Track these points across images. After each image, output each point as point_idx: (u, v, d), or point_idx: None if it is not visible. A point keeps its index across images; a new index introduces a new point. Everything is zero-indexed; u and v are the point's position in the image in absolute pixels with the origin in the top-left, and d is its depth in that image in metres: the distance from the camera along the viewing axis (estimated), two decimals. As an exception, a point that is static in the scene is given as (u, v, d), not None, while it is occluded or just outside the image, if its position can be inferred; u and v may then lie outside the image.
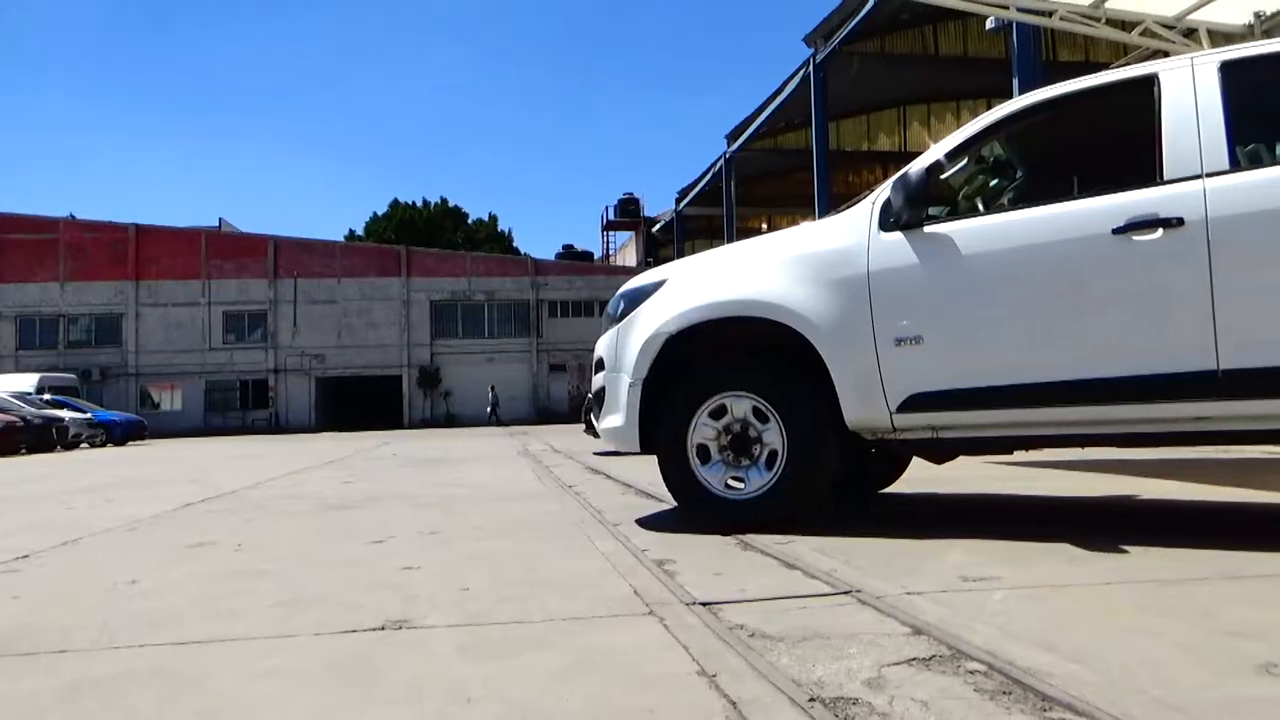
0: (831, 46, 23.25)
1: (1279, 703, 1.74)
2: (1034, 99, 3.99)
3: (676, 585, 2.97)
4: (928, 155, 3.97)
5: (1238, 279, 3.32)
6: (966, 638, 2.24)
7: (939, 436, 3.85)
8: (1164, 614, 2.45)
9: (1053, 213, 3.69)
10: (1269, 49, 3.79)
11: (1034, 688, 1.87)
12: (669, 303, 4.25)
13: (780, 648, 2.22)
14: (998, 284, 3.70)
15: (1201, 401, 3.39)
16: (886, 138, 32.66)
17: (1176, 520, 4.37)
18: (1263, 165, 3.71)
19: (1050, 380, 3.57)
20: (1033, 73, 13.20)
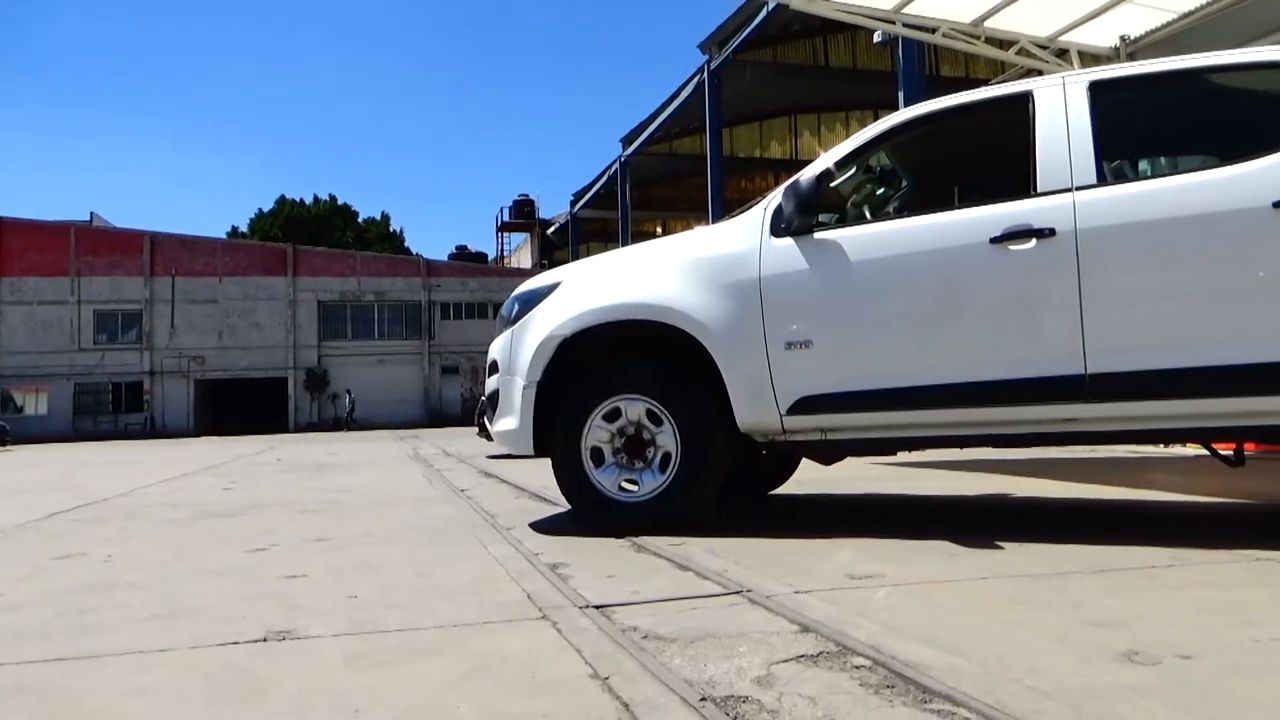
0: (726, 54, 23.61)
1: (1139, 689, 1.84)
2: (918, 112, 4.13)
3: (570, 589, 2.96)
4: (818, 163, 4.06)
5: (1103, 287, 3.51)
6: (852, 634, 2.29)
7: (828, 438, 3.94)
8: (1036, 606, 2.56)
9: (935, 222, 3.83)
10: (1133, 71, 4.02)
11: (915, 680, 1.93)
12: (564, 305, 4.24)
13: (673, 649, 2.24)
14: (883, 290, 3.81)
15: (1071, 404, 3.57)
16: (778, 145, 33.34)
17: (1048, 517, 4.58)
18: (1127, 180, 3.93)
19: (932, 383, 3.70)
20: (917, 86, 13.68)
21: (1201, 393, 3.41)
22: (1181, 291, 3.47)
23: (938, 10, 8.80)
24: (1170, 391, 3.44)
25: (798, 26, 24.61)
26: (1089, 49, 9.19)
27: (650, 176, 34.52)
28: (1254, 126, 3.83)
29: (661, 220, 38.05)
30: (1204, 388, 3.40)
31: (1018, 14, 8.73)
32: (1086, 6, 8.53)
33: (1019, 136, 3.81)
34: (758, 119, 32.24)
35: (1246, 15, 7.92)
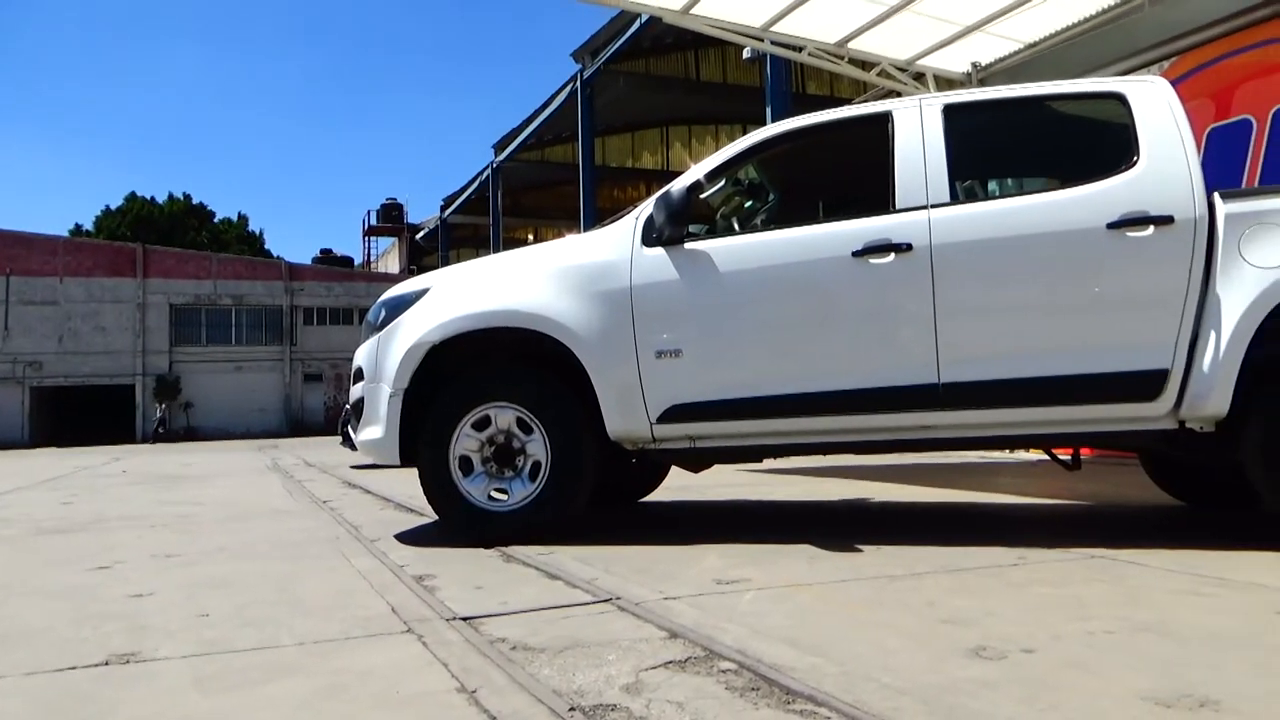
0: (599, 64, 23.72)
1: (987, 683, 1.94)
2: (785, 127, 4.25)
3: (436, 601, 2.90)
4: (689, 175, 4.12)
5: (955, 300, 3.69)
6: (719, 638, 2.33)
7: (696, 446, 4.00)
8: (893, 607, 2.66)
9: (800, 235, 3.95)
10: (983, 96, 4.25)
11: (779, 682, 1.98)
12: (433, 311, 4.16)
13: (542, 659, 2.22)
14: (750, 300, 3.90)
15: (926, 412, 3.74)
16: (650, 156, 33.70)
17: (904, 520, 4.78)
18: (977, 199, 4.15)
19: (797, 392, 3.81)
20: (784, 102, 14.08)
21: (1043, 401, 3.63)
22: (1025, 306, 3.68)
23: (804, 30, 9.09)
24: (1015, 400, 3.65)
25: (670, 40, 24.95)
26: (944, 73, 9.66)
27: (522, 183, 34.31)
28: (1091, 151, 4.10)
29: (533, 227, 37.86)
30: (1045, 397, 3.62)
31: (879, 37, 9.10)
32: (941, 34, 8.96)
33: (879, 154, 3.97)
34: (630, 129, 32.50)
35: (1086, 47, 8.48)
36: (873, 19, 8.68)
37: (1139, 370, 3.53)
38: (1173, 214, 3.53)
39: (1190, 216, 3.52)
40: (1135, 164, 3.67)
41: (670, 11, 8.86)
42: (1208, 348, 3.46)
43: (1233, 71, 7.48)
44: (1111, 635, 2.29)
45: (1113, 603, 2.64)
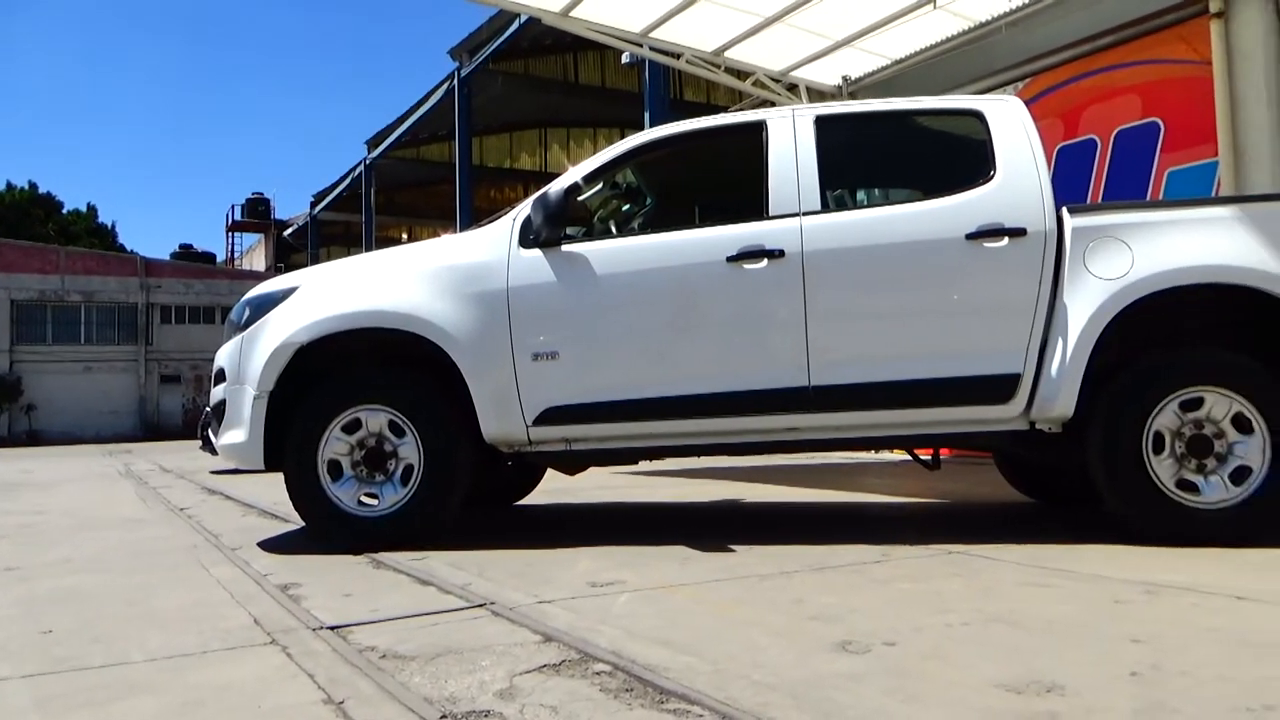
0: (476, 63, 23.44)
1: (852, 676, 2.00)
2: (663, 133, 4.30)
3: (302, 610, 2.81)
4: (566, 177, 4.12)
5: (825, 306, 3.80)
6: (594, 641, 2.33)
7: (572, 449, 3.99)
8: (763, 605, 2.72)
9: (676, 239, 3.99)
10: (852, 109, 4.40)
11: (653, 683, 1.99)
12: (301, 311, 4.02)
13: (413, 667, 2.17)
14: (627, 304, 3.92)
15: (796, 414, 3.84)
16: (528, 157, 33.51)
17: (775, 520, 4.89)
18: (846, 208, 4.29)
19: (672, 395, 3.85)
20: (662, 108, 14.21)
21: (906, 404, 3.78)
22: (890, 312, 3.82)
23: (682, 37, 9.20)
24: (880, 402, 3.78)
25: (549, 41, 24.87)
26: (816, 85, 9.95)
27: (397, 181, 33.56)
28: (952, 165, 4.29)
29: (408, 226, 37.08)
30: (908, 399, 3.77)
31: (754, 48, 9.30)
32: (814, 47, 9.23)
33: (754, 162, 4.06)
34: (508, 129, 32.24)
35: (949, 65, 8.88)
36: (748, 29, 8.87)
37: (993, 374, 3.71)
38: (1025, 226, 3.73)
39: (1041, 229, 3.73)
40: (992, 178, 3.86)
41: (550, 13, 8.84)
42: (1056, 354, 3.67)
43: (1080, 94, 7.96)
44: (968, 627, 2.40)
45: (969, 596, 2.77)
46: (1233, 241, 3.63)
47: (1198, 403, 3.57)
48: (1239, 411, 3.53)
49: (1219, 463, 3.55)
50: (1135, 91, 7.57)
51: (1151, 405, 3.58)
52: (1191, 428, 3.58)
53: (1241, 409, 3.53)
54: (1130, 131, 7.58)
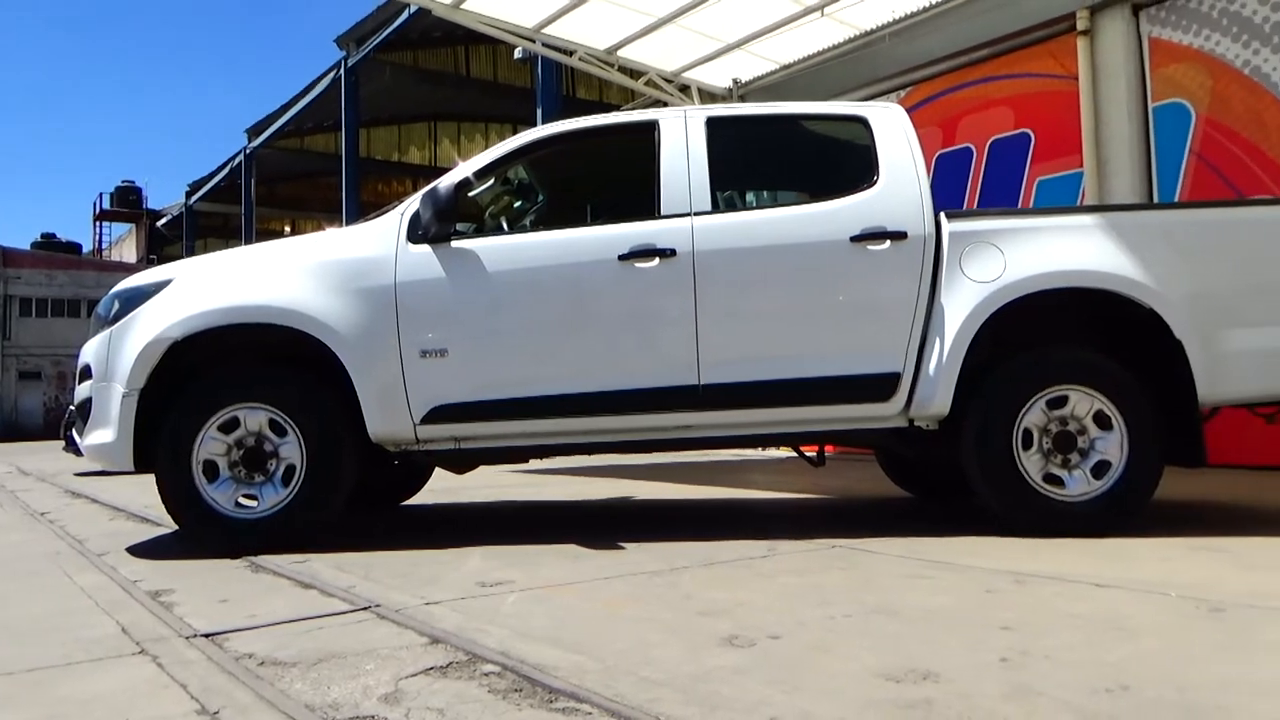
0: (364, 52, 22.88)
1: (738, 669, 2.03)
2: (556, 129, 4.28)
3: (174, 617, 2.69)
4: (457, 172, 4.06)
5: (715, 305, 3.85)
6: (482, 642, 2.31)
7: (461, 447, 3.94)
8: (652, 601, 2.74)
9: (568, 237, 3.99)
10: (743, 111, 4.46)
11: (542, 682, 1.98)
12: (175, 305, 3.85)
13: (293, 673, 2.11)
14: (517, 301, 3.89)
15: (686, 412, 3.88)
16: (418, 150, 32.90)
17: (665, 517, 4.93)
18: (736, 209, 4.36)
19: (564, 393, 3.84)
20: (554, 104, 14.16)
21: (792, 402, 3.86)
22: (778, 311, 3.90)
23: (575, 34, 9.19)
24: (768, 400, 3.86)
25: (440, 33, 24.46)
26: (707, 87, 10.07)
27: (279, 172, 32.46)
28: (837, 168, 4.41)
29: (291, 219, 35.91)
30: (794, 397, 3.85)
31: (647, 48, 9.36)
32: (705, 49, 9.35)
33: (646, 161, 4.08)
34: (397, 122, 31.57)
35: (835, 72, 9.13)
36: (641, 29, 8.92)
37: (875, 374, 3.83)
38: (906, 230, 3.86)
39: (921, 233, 3.87)
40: (875, 183, 3.99)
41: (441, 4, 8.71)
42: (933, 354, 3.81)
43: (958, 104, 8.30)
44: (849, 618, 2.47)
45: (850, 588, 2.85)
46: (1095, 248, 3.84)
47: (1063, 400, 3.76)
48: (1100, 409, 3.74)
49: (1082, 458, 3.75)
50: (1008, 103, 7.93)
51: (1021, 403, 3.75)
52: (1057, 424, 3.77)
53: (1102, 407, 3.73)
54: (1003, 141, 7.94)
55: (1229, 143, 6.57)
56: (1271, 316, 3.81)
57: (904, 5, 8.39)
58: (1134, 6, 7.07)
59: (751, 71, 9.89)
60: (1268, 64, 6.37)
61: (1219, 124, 6.63)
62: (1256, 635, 2.23)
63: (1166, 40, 6.94)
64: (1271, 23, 6.34)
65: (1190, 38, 6.79)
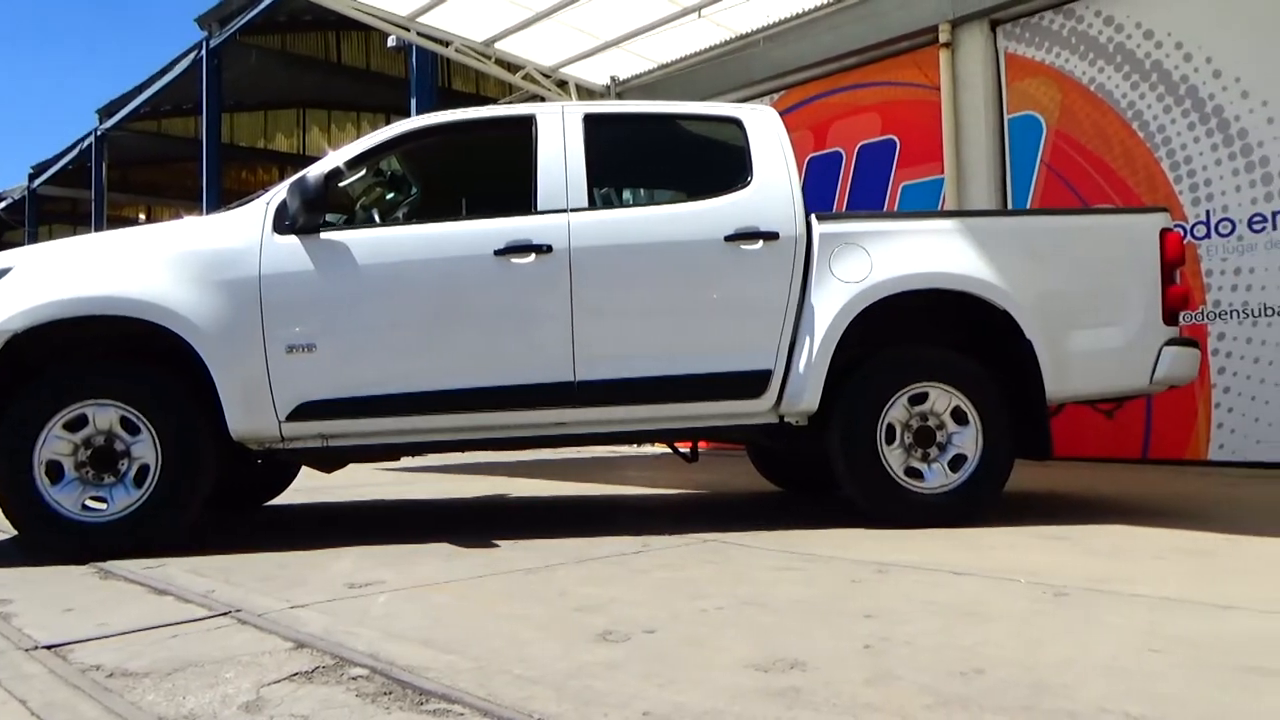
0: (228, 33, 21.91)
1: (612, 664, 2.04)
2: (431, 121, 4.20)
3: (13, 629, 2.51)
4: (327, 161, 3.94)
5: (591, 302, 3.86)
6: (351, 645, 2.24)
7: (330, 445, 3.83)
8: (527, 599, 2.73)
9: (443, 231, 3.92)
10: (621, 109, 4.49)
11: (413, 684, 1.94)
12: (15, 295, 3.60)
13: (146, 684, 2.00)
14: (390, 295, 3.80)
15: (562, 409, 3.87)
16: (285, 138, 31.70)
17: (540, 514, 4.91)
18: (613, 206, 4.37)
19: (437, 389, 3.77)
20: (429, 95, 13.87)
21: (667, 398, 3.90)
22: (653, 309, 3.94)
23: (452, 25, 9.03)
24: (643, 397, 3.89)
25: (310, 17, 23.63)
26: (585, 83, 10.07)
27: (134, 156, 30.74)
28: (713, 168, 4.47)
29: (146, 206, 34.07)
30: (669, 394, 3.89)
31: (526, 42, 9.28)
32: (583, 46, 9.34)
33: (522, 156, 4.05)
34: (264, 107, 30.34)
35: (712, 73, 9.26)
36: (520, 23, 8.84)
37: (748, 371, 3.91)
38: (779, 231, 3.96)
39: (793, 234, 3.97)
40: (749, 183, 4.07)
41: (310, -13, 8.41)
42: (803, 352, 3.91)
43: (829, 109, 8.55)
44: (721, 611, 2.51)
45: (722, 581, 2.90)
46: (955, 251, 4.02)
47: (924, 397, 3.92)
48: (958, 405, 3.92)
49: (940, 451, 3.93)
50: (876, 110, 8.22)
51: (884, 400, 3.90)
52: (918, 420, 3.93)
53: (959, 403, 3.92)
54: (871, 146, 8.23)
55: (1076, 154, 6.99)
56: (1110, 319, 4.07)
57: (778, 10, 8.58)
58: (992, 22, 7.43)
59: (629, 69, 9.94)
60: (1111, 81, 6.80)
61: (1067, 136, 7.04)
62: (1096, 617, 2.38)
63: (1021, 56, 7.32)
64: (1115, 43, 6.77)
65: (1042, 54, 7.19)
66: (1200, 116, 6.37)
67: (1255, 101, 6.12)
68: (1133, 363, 4.07)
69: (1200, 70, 6.37)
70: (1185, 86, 6.43)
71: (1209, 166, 6.33)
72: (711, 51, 9.28)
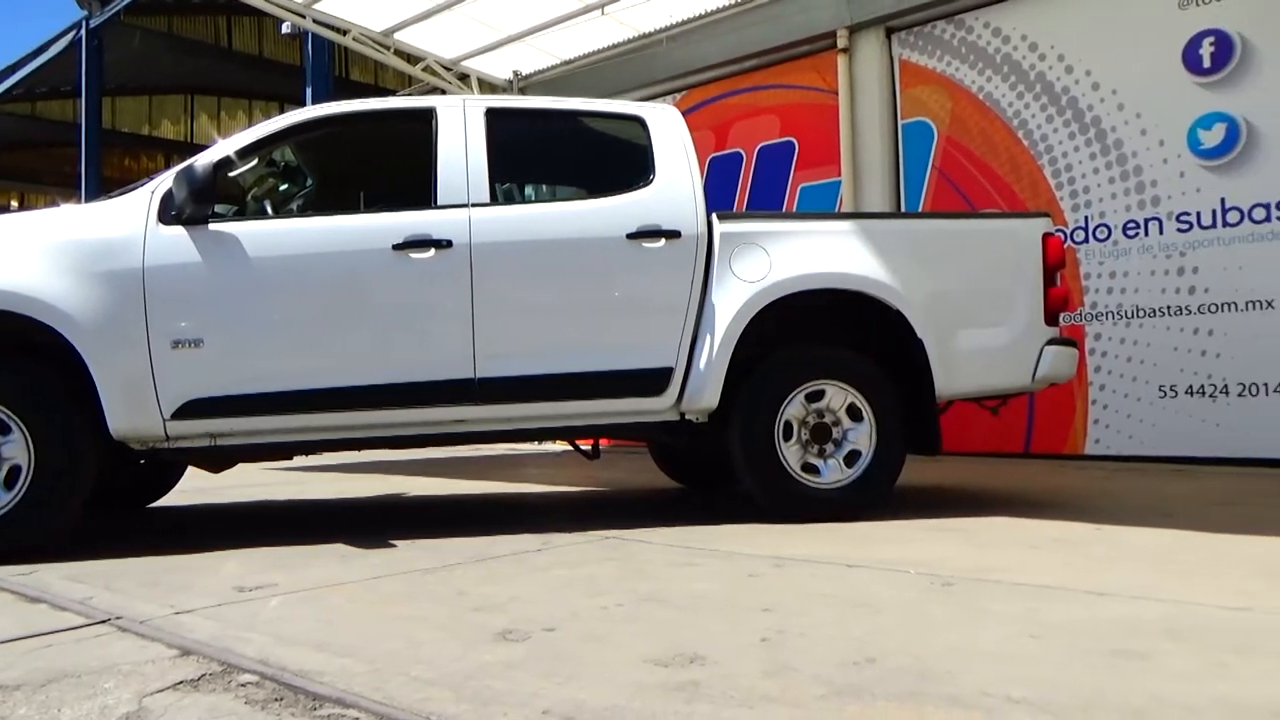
0: (110, 13, 20.91)
1: (512, 664, 2.03)
2: (328, 111, 4.10)
3: None
4: (217, 149, 3.80)
5: (492, 298, 3.82)
6: (239, 650, 2.17)
7: (218, 444, 3.69)
8: (425, 599, 2.69)
9: (339, 224, 3.83)
10: (524, 104, 4.45)
11: (305, 689, 1.89)
12: None
13: (17, 697, 1.90)
14: (283, 290, 3.69)
15: (462, 406, 3.82)
16: (171, 124, 30.44)
17: (438, 514, 4.84)
18: (515, 202, 4.34)
19: (332, 386, 3.68)
20: (325, 85, 13.51)
21: (569, 396, 3.90)
22: (555, 306, 3.92)
23: (349, 13, 8.82)
24: (544, 395, 3.88)
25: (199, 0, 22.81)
26: (487, 77, 9.96)
27: (6, 139, 29.08)
28: (616, 166, 4.48)
29: (19, 193, 32.25)
30: (571, 392, 3.89)
31: (426, 33, 9.13)
32: (486, 39, 9.23)
33: (422, 149, 3.98)
34: (149, 92, 29.07)
35: (615, 71, 9.27)
36: (420, 13, 8.69)
37: (649, 368, 3.94)
38: (680, 229, 3.99)
39: (694, 233, 4.00)
40: (651, 182, 4.09)
41: (198, -32, 8.09)
42: (704, 349, 3.96)
43: (730, 110, 8.66)
44: (621, 608, 2.52)
45: (622, 578, 2.91)
46: (851, 252, 4.12)
47: (820, 394, 4.01)
48: (852, 402, 4.02)
49: (836, 447, 4.03)
50: (775, 112, 8.37)
51: (782, 397, 3.98)
52: (815, 417, 4.02)
53: (854, 400, 4.02)
54: (770, 148, 8.37)
55: (965, 160, 7.25)
56: (996, 319, 4.24)
57: (681, 11, 8.64)
58: (887, 30, 7.65)
59: (533, 65, 9.88)
60: (998, 91, 7.07)
61: (957, 143, 7.29)
62: (980, 606, 2.47)
63: (915, 63, 7.56)
64: (1002, 54, 7.05)
65: (934, 62, 7.43)
66: (1080, 126, 6.69)
67: (1130, 114, 6.46)
68: (1016, 362, 4.24)
69: (1080, 82, 6.68)
70: (1066, 98, 6.74)
71: (1088, 175, 6.65)
72: (615, 49, 9.30)
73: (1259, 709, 1.64)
